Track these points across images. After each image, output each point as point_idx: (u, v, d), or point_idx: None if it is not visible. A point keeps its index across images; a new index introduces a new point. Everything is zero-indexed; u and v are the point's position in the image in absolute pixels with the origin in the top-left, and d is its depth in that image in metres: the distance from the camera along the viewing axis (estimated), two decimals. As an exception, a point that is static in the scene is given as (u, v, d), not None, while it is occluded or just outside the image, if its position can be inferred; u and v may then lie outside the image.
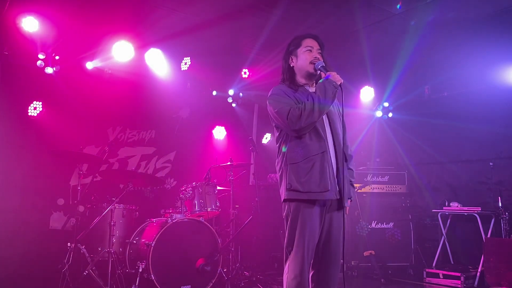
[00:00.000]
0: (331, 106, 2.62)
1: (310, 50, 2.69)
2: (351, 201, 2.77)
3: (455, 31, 5.43)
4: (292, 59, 2.75)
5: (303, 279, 2.49)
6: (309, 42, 2.71)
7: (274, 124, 2.73)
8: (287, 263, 2.56)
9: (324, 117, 2.64)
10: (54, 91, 5.61)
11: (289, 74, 2.74)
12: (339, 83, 2.55)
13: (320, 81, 2.60)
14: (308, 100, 2.52)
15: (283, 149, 2.63)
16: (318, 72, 2.66)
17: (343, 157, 2.64)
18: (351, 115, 6.57)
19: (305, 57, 2.68)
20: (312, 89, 2.72)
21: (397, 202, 5.94)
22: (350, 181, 2.76)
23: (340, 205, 2.61)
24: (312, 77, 2.72)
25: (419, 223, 6.10)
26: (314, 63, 2.65)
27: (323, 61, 2.67)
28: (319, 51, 2.71)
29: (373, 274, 5.39)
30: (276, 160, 2.71)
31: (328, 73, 2.58)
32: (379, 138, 6.81)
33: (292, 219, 2.55)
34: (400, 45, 5.95)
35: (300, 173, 2.51)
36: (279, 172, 2.67)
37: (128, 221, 4.71)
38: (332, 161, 2.58)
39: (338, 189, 2.56)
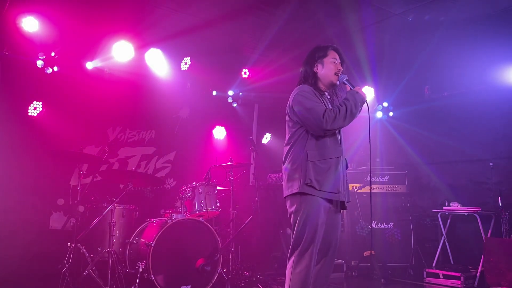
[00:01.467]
0: None
1: (335, 62, 2.88)
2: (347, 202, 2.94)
3: (455, 31, 5.43)
4: (317, 66, 2.89)
5: (309, 272, 2.60)
6: (334, 54, 2.90)
7: (294, 119, 2.81)
8: (293, 256, 2.65)
9: None
10: (54, 91, 5.60)
11: (313, 79, 2.90)
12: (366, 98, 2.78)
13: (349, 91, 2.78)
14: (341, 106, 2.70)
15: (301, 146, 2.73)
16: (338, 82, 2.87)
17: (345, 164, 2.88)
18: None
19: (331, 68, 2.86)
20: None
21: (397, 202, 5.93)
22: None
23: (342, 206, 2.82)
24: (332, 86, 2.91)
25: (419, 223, 6.10)
26: (338, 75, 2.85)
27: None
28: (340, 65, 2.91)
29: (373, 274, 5.39)
30: (290, 155, 2.77)
31: (356, 88, 2.79)
32: (379, 138, 6.80)
33: (305, 214, 2.64)
34: (400, 45, 5.95)
35: (319, 171, 2.66)
36: (292, 166, 2.72)
37: (128, 221, 4.71)
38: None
39: (344, 192, 2.78)
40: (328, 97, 2.94)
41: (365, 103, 2.79)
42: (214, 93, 6.88)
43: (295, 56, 5.52)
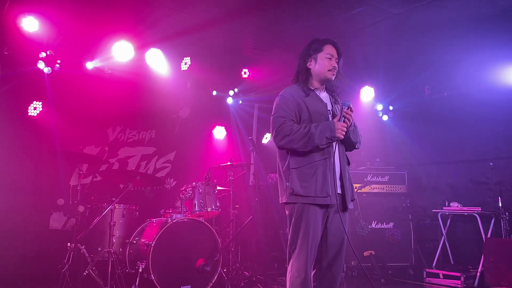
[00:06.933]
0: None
1: (330, 58, 2.75)
2: (352, 201, 2.83)
3: (455, 31, 5.43)
4: (311, 61, 2.79)
5: (307, 277, 2.55)
6: (329, 49, 2.77)
7: None
8: (291, 262, 2.62)
9: None
10: (54, 91, 5.60)
11: (305, 75, 2.80)
12: (337, 137, 2.55)
13: (327, 122, 2.59)
14: (304, 128, 2.55)
15: (286, 151, 2.67)
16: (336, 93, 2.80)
17: (346, 161, 2.77)
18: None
19: (324, 64, 2.74)
20: (322, 94, 2.80)
21: (397, 202, 5.93)
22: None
23: (343, 208, 2.71)
24: (325, 82, 2.81)
25: (419, 223, 6.10)
26: (332, 71, 2.73)
27: (339, 70, 2.77)
28: (337, 60, 2.78)
29: (373, 274, 5.39)
30: (278, 161, 2.75)
31: (335, 119, 2.59)
32: (379, 138, 6.80)
33: (296, 219, 2.60)
34: (400, 45, 5.95)
35: (303, 178, 2.58)
36: (280, 174, 2.72)
37: (128, 221, 4.71)
38: (336, 166, 2.66)
39: (340, 193, 2.67)
40: (321, 94, 2.79)
41: (333, 138, 2.53)
42: (214, 93, 6.88)
43: (295, 56, 5.52)
